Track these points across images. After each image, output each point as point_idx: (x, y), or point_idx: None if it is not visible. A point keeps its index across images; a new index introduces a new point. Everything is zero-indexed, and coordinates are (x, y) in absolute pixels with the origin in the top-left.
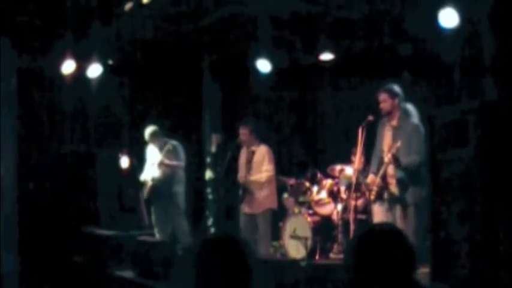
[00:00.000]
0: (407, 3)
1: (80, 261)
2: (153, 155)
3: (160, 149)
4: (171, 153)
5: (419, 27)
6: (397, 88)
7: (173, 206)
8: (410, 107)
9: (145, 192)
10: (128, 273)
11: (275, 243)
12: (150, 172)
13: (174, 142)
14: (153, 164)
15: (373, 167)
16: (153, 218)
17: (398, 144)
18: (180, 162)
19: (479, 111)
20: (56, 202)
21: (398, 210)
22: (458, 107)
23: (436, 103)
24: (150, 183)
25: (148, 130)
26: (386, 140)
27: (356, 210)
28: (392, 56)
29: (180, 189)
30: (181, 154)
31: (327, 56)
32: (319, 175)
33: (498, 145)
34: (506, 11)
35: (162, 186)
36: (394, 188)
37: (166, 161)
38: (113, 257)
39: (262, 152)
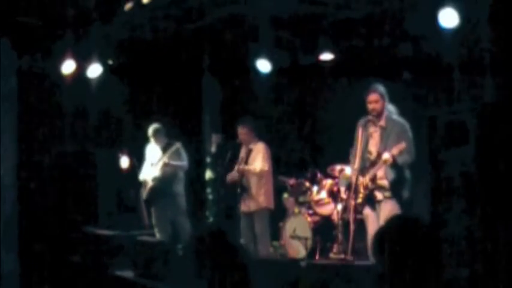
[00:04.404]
0: (407, 3)
1: (80, 261)
2: (154, 154)
3: (163, 148)
4: (175, 154)
5: (419, 27)
6: (383, 88)
7: (175, 206)
8: (391, 106)
9: (145, 192)
10: (128, 273)
11: (275, 243)
12: (150, 172)
13: (178, 143)
14: (153, 164)
15: (356, 169)
16: (154, 218)
17: (404, 145)
18: (184, 163)
19: (479, 111)
20: (55, 202)
21: (386, 210)
22: (458, 107)
23: (436, 103)
24: (150, 183)
25: (152, 127)
26: (374, 141)
27: (356, 210)
28: (393, 55)
29: (180, 189)
30: (185, 155)
31: (327, 56)
32: (319, 175)
33: (498, 145)
34: (506, 11)
35: (163, 186)
36: (383, 189)
37: (173, 162)
38: (113, 257)
39: (258, 148)
